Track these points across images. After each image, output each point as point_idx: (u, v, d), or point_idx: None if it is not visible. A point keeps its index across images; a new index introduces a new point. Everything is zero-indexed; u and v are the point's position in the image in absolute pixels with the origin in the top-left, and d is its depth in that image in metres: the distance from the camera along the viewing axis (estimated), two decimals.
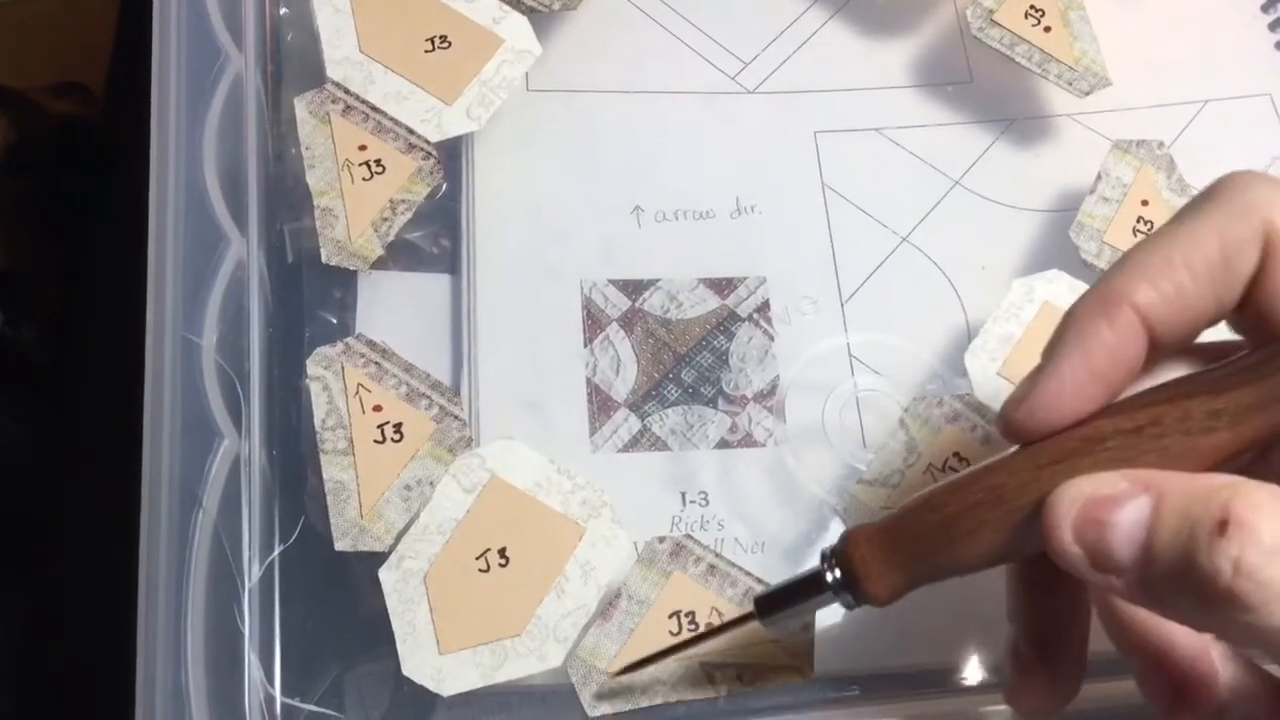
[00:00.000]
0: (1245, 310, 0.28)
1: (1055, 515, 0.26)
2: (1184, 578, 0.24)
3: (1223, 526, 0.24)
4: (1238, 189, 0.28)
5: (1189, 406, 0.27)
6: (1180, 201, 0.46)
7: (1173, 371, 0.29)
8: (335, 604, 0.39)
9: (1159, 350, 0.28)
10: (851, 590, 0.31)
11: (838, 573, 0.31)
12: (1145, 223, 0.45)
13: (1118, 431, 0.27)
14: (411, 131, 0.44)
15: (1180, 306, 0.28)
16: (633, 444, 0.43)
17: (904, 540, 0.30)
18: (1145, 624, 0.31)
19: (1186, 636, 0.31)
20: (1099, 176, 0.46)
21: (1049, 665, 0.32)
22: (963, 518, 0.29)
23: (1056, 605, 0.32)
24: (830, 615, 0.39)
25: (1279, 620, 0.23)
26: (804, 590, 0.32)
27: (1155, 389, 0.28)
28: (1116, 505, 0.26)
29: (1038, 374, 0.29)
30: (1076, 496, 0.26)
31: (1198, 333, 0.29)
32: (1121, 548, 0.25)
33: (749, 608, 0.33)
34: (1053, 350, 0.29)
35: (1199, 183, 0.47)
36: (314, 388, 0.40)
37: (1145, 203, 0.45)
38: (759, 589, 0.38)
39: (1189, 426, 0.27)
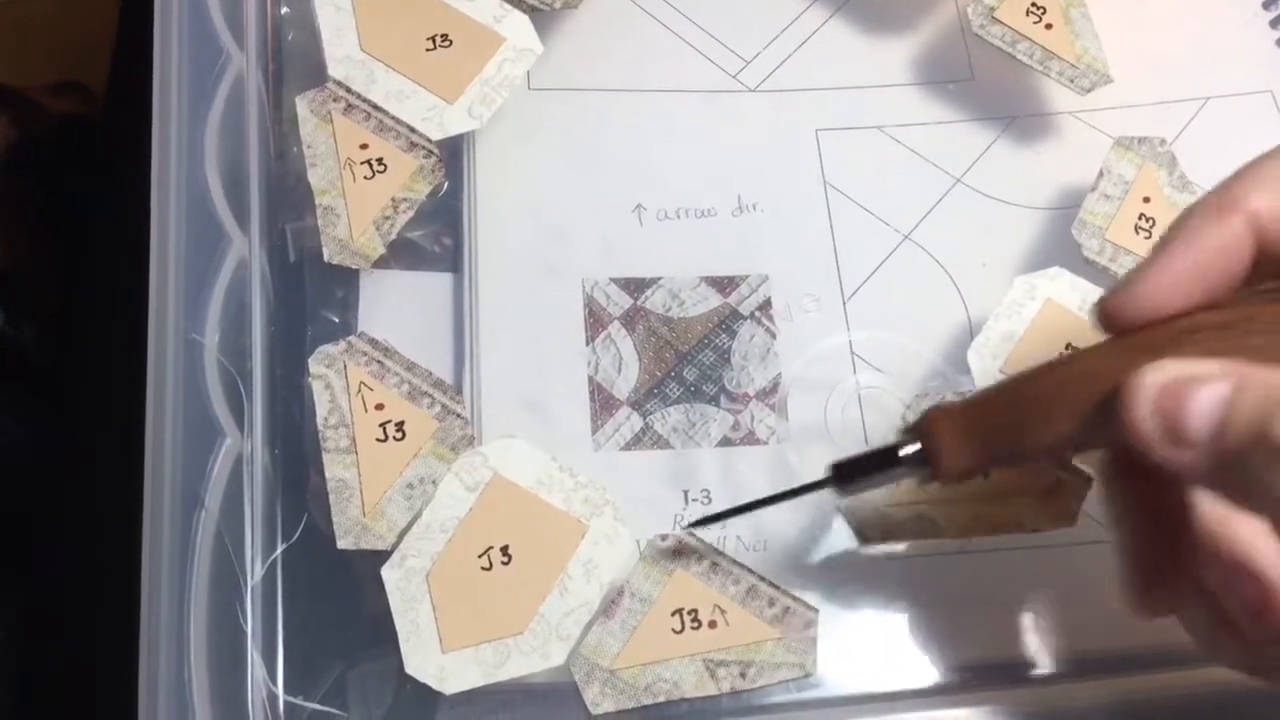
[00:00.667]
0: None
1: (1136, 388, 0.27)
2: (1256, 446, 0.25)
3: None
4: None
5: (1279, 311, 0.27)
6: (1183, 199, 0.46)
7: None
8: (338, 602, 0.39)
9: (1264, 264, 0.29)
10: (929, 462, 0.31)
11: (917, 445, 0.32)
12: (1147, 220, 0.45)
13: (1211, 325, 0.28)
14: (413, 130, 0.44)
15: None
16: (635, 442, 0.43)
17: (985, 418, 0.31)
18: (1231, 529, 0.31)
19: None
20: (1101, 174, 0.46)
21: (1161, 572, 0.31)
22: (1045, 398, 0.29)
23: (1153, 503, 0.31)
24: (835, 619, 0.39)
25: None
26: (881, 461, 0.33)
27: (1251, 292, 0.28)
28: (1200, 384, 0.26)
29: (1142, 266, 0.29)
30: (1160, 374, 0.26)
31: None
32: (1198, 420, 0.26)
33: (751, 606, 0.33)
34: (1160, 245, 0.29)
35: (1201, 180, 0.47)
36: (316, 386, 0.40)
37: (1147, 200, 0.45)
38: (761, 586, 0.38)
39: (1273, 332, 0.27)
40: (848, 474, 0.34)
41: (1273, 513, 0.26)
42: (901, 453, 0.32)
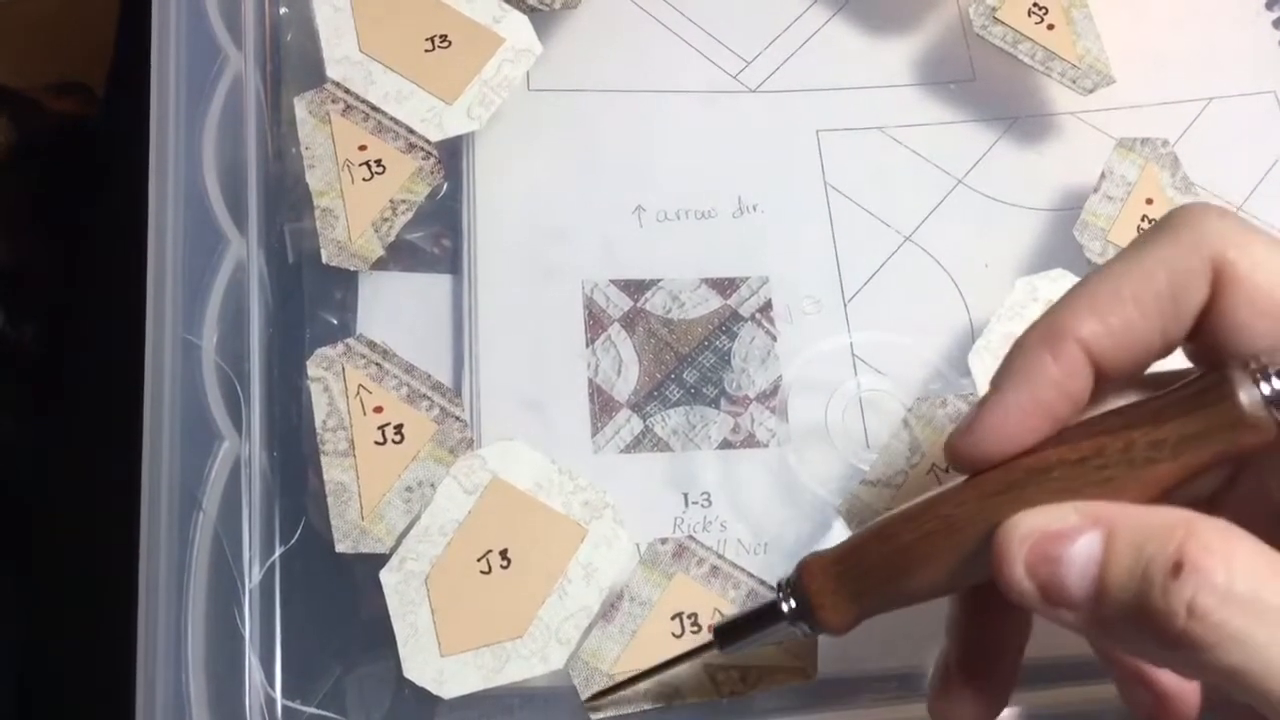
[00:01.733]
0: (1196, 341, 0.28)
1: (1006, 550, 0.26)
2: (1138, 616, 0.24)
3: (1177, 569, 0.24)
4: (1188, 222, 0.27)
5: (1131, 437, 0.27)
6: (1184, 199, 0.46)
7: (1123, 399, 0.29)
8: (336, 606, 0.39)
9: (1106, 382, 0.28)
10: (806, 619, 0.31)
11: (793, 603, 0.31)
12: (1149, 221, 0.45)
13: (1061, 462, 0.27)
14: (412, 131, 0.44)
15: (1127, 340, 0.28)
16: (635, 445, 0.43)
17: (858, 570, 0.30)
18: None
19: None
20: (1103, 175, 0.46)
21: (978, 682, 0.31)
22: (915, 547, 0.29)
23: (995, 625, 0.31)
24: None
25: (1232, 659, 0.23)
26: (762, 620, 0.32)
27: (1101, 417, 0.28)
28: (1068, 540, 0.25)
29: (983, 404, 0.28)
30: (1027, 532, 0.26)
31: (1145, 365, 0.28)
32: (1074, 584, 0.25)
33: (748, 610, 0.33)
34: (999, 381, 0.29)
35: (1203, 181, 0.46)
36: (314, 389, 0.40)
37: (1149, 201, 0.45)
38: (761, 590, 0.38)
39: (1132, 457, 0.26)
40: (729, 635, 0.33)
41: (1166, 667, 0.26)
42: (784, 609, 0.31)
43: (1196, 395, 0.26)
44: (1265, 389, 0.26)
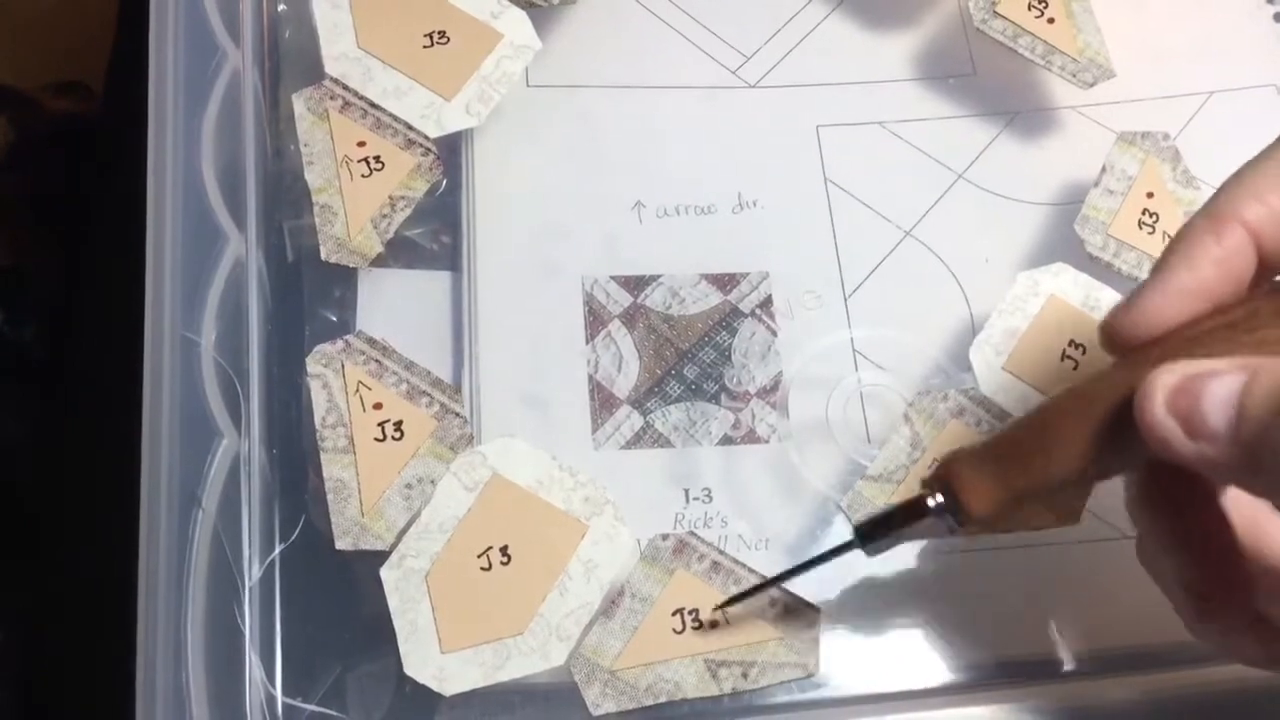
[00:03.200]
0: None
1: (1151, 389, 0.27)
2: (1276, 432, 0.25)
3: None
4: None
5: None
6: (1186, 194, 0.45)
7: None
8: (336, 603, 0.39)
9: (1267, 266, 0.29)
10: (953, 509, 0.31)
11: (939, 497, 0.31)
12: (1151, 215, 0.45)
13: (1215, 328, 0.28)
14: (410, 127, 0.44)
15: None
16: (635, 441, 0.43)
17: (1001, 453, 0.30)
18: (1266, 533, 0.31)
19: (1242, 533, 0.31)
20: (1104, 169, 0.45)
21: (1221, 588, 0.31)
22: (1062, 423, 0.29)
23: (1210, 563, 0.31)
24: (837, 618, 0.39)
25: None
26: (907, 514, 0.32)
27: (1256, 291, 0.28)
28: (1211, 378, 0.26)
29: (1143, 286, 0.29)
30: (1173, 374, 0.27)
31: None
32: (1215, 412, 0.26)
33: (750, 605, 0.33)
34: (1161, 264, 0.29)
35: (1204, 174, 0.46)
36: (314, 386, 0.40)
37: (1150, 195, 0.45)
38: (758, 582, 0.38)
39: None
40: (872, 533, 0.33)
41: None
42: (929, 503, 0.31)
43: None
44: None
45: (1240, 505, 0.31)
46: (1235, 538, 0.31)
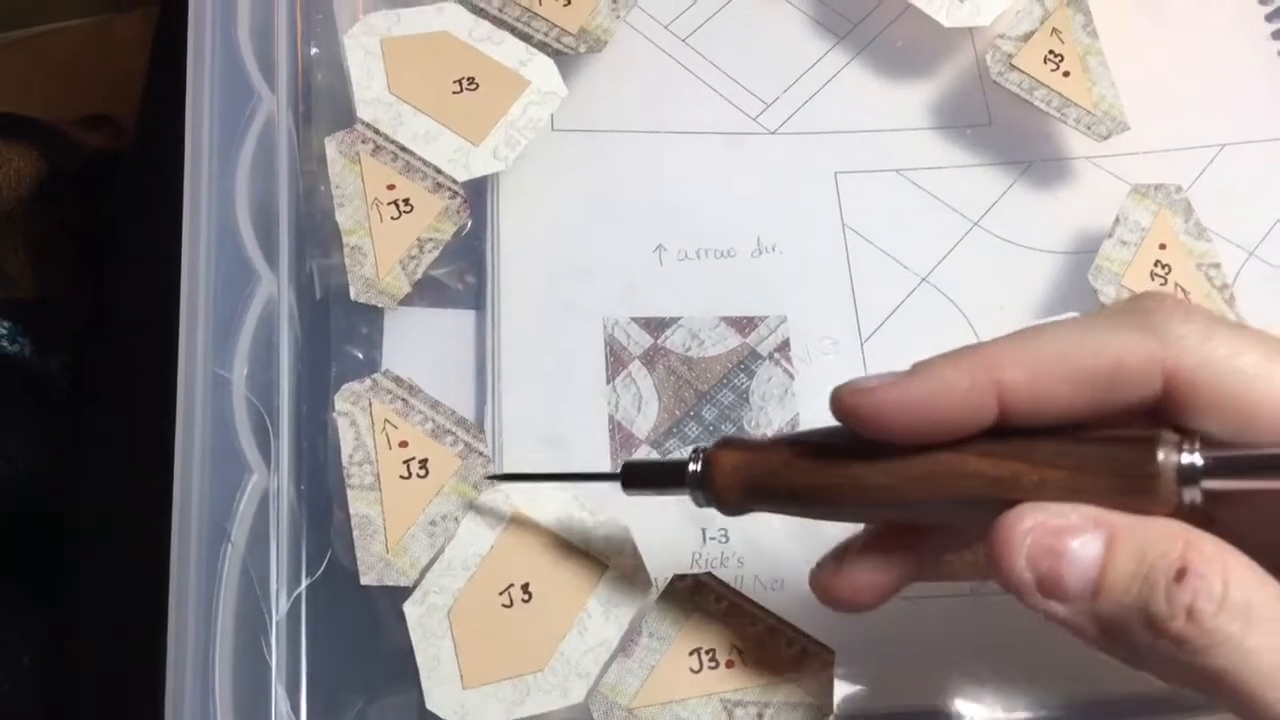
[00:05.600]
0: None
1: (1009, 540, 0.27)
2: (1136, 616, 0.26)
3: (1180, 574, 0.25)
4: (1151, 321, 0.28)
5: (1048, 475, 0.27)
6: (1199, 246, 0.46)
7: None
8: (360, 638, 0.39)
9: (1009, 423, 0.29)
10: (704, 492, 0.33)
11: (699, 470, 0.33)
12: (1163, 266, 0.46)
13: (978, 474, 0.28)
14: (439, 171, 0.45)
15: (1048, 404, 0.28)
16: None
17: (767, 477, 0.32)
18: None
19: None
20: (1117, 220, 0.46)
21: (879, 555, 0.32)
22: (821, 490, 0.31)
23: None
24: (852, 659, 0.39)
25: (1219, 663, 0.25)
26: (668, 474, 0.34)
27: (1027, 442, 0.28)
28: (1070, 535, 0.26)
29: (892, 379, 0.29)
30: (1032, 525, 0.27)
31: (1054, 423, 0.28)
32: (1073, 580, 0.26)
33: (768, 647, 0.34)
34: (915, 374, 0.29)
35: (1216, 226, 0.47)
36: (342, 423, 0.41)
37: (1163, 246, 0.46)
38: (780, 626, 0.38)
39: (1041, 495, 0.27)
40: (635, 478, 0.35)
41: (1152, 670, 0.27)
42: (688, 470, 0.33)
43: (1117, 459, 0.27)
44: (1186, 458, 0.26)
45: None
46: None
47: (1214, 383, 0.27)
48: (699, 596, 0.39)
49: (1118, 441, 0.27)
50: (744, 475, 0.32)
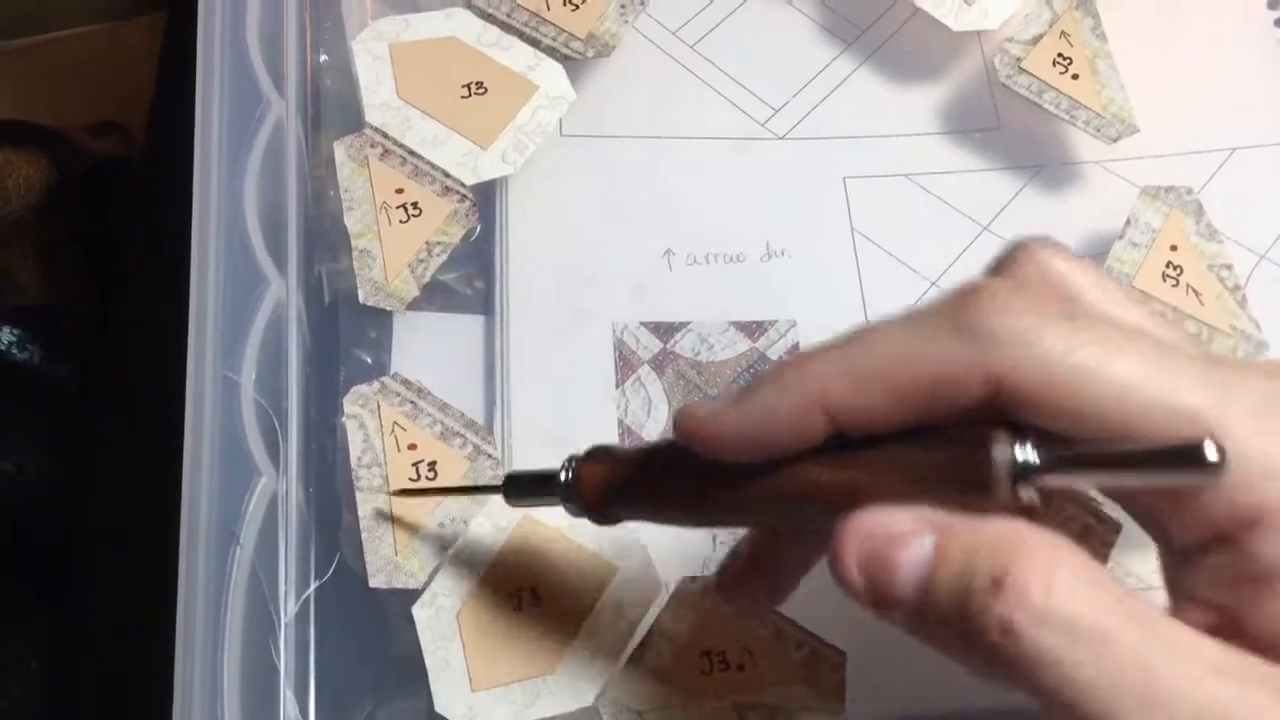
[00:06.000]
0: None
1: (843, 546, 0.26)
2: (956, 624, 0.25)
3: (997, 585, 0.24)
4: (976, 327, 0.26)
5: (883, 482, 0.27)
6: (1210, 247, 0.46)
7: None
8: (369, 640, 0.39)
9: (846, 433, 0.28)
10: (576, 504, 0.33)
11: (568, 481, 0.33)
12: (1175, 268, 0.45)
13: (820, 485, 0.28)
14: (448, 175, 0.45)
15: (873, 417, 0.27)
16: None
17: (626, 486, 0.32)
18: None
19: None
20: (1128, 222, 0.46)
21: (759, 573, 0.33)
22: (675, 500, 0.31)
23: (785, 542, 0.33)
24: (862, 656, 0.39)
25: (1040, 678, 0.23)
26: (543, 484, 0.34)
27: (870, 446, 0.27)
28: (901, 544, 0.26)
29: (717, 406, 0.29)
30: (864, 532, 0.26)
31: (884, 431, 0.28)
32: (902, 586, 0.26)
33: (778, 649, 0.33)
34: (743, 398, 0.29)
35: (1226, 229, 0.47)
36: (350, 426, 0.41)
37: (1174, 248, 0.46)
38: (789, 628, 0.38)
39: (880, 500, 0.27)
40: (513, 489, 0.36)
41: (976, 672, 0.26)
42: (559, 479, 0.34)
43: (955, 461, 0.26)
44: (1020, 455, 0.25)
45: None
46: None
47: (1046, 382, 0.25)
48: (709, 599, 0.38)
49: (953, 442, 0.27)
50: (607, 486, 0.33)
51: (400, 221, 0.44)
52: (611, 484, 0.33)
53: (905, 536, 0.26)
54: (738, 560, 0.33)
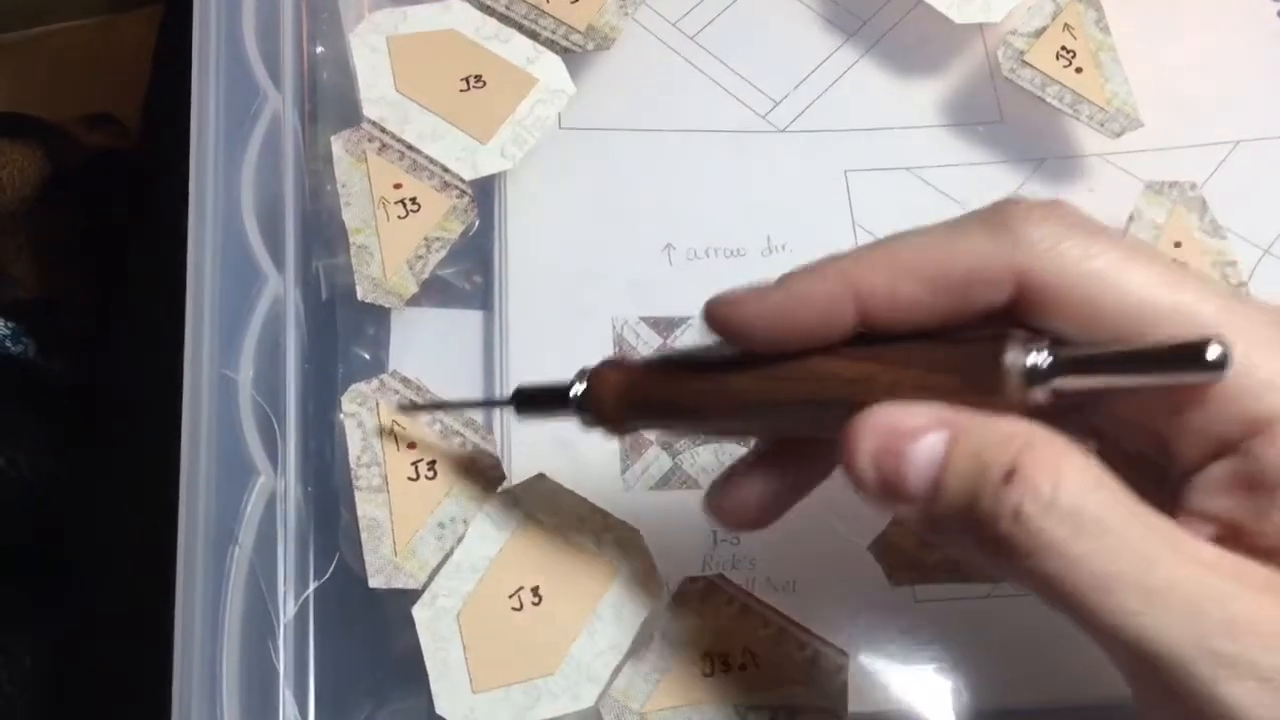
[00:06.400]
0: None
1: (856, 440, 0.27)
2: (967, 517, 0.26)
3: (1008, 476, 0.25)
4: (1008, 224, 0.28)
5: (900, 375, 0.28)
6: (1214, 243, 0.46)
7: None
8: (369, 641, 0.39)
9: (873, 330, 0.29)
10: (590, 414, 0.33)
11: (581, 389, 0.33)
12: (1180, 263, 0.45)
13: (835, 376, 0.29)
14: (446, 170, 0.44)
15: (906, 311, 0.28)
16: (664, 482, 0.43)
17: (642, 390, 0.32)
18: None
19: None
20: (1131, 217, 0.46)
21: (779, 464, 0.33)
22: (692, 397, 0.31)
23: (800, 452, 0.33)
24: (866, 661, 0.39)
25: (1047, 567, 0.25)
26: (555, 397, 0.34)
27: (888, 342, 0.29)
28: (913, 438, 0.26)
29: (752, 289, 0.30)
30: (877, 425, 0.27)
31: (911, 329, 0.29)
32: (914, 480, 0.26)
33: (781, 650, 0.33)
34: (780, 283, 0.30)
35: (1231, 224, 0.47)
36: (349, 424, 0.40)
37: (1178, 244, 0.45)
38: (792, 629, 0.38)
39: (895, 395, 0.27)
40: (525, 403, 0.36)
41: (980, 565, 0.27)
42: (571, 394, 0.33)
43: (967, 359, 0.27)
44: (1034, 358, 0.26)
45: None
46: None
47: (1064, 285, 0.27)
48: (711, 599, 0.38)
49: (968, 341, 0.28)
50: (625, 393, 0.33)
51: (399, 217, 0.44)
52: (628, 391, 0.33)
53: (919, 430, 0.26)
54: (733, 472, 0.33)
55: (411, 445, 0.40)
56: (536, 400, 0.35)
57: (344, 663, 0.38)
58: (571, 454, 0.43)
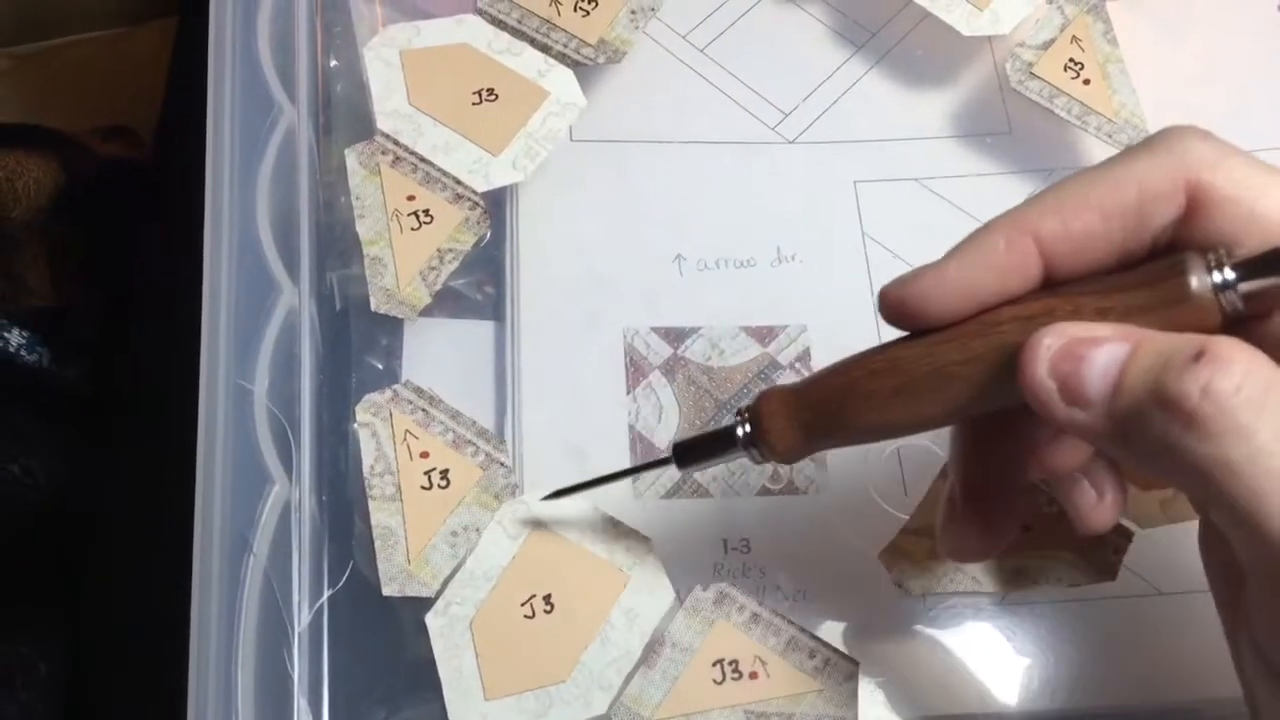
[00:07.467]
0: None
1: (1034, 350, 0.27)
2: (1153, 400, 0.25)
3: (1198, 355, 0.25)
4: (1167, 143, 0.28)
5: (1081, 302, 0.28)
6: None
7: None
8: (382, 649, 0.39)
9: (1054, 281, 0.29)
10: (757, 445, 0.33)
11: (748, 428, 0.33)
12: None
13: (1014, 318, 0.29)
14: (459, 182, 0.45)
15: (1086, 245, 0.29)
16: (675, 491, 0.43)
17: (809, 400, 0.32)
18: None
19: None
20: None
21: (980, 514, 0.33)
22: (864, 382, 0.31)
23: (993, 458, 0.33)
24: (876, 670, 0.39)
25: (1229, 453, 0.24)
26: (718, 441, 0.34)
27: (1055, 287, 0.29)
28: (1095, 344, 0.27)
29: (926, 266, 0.30)
30: (1057, 334, 0.27)
31: (1096, 272, 0.29)
32: (1094, 379, 0.27)
33: (791, 658, 0.33)
34: (951, 252, 0.30)
35: None
36: (363, 434, 0.41)
37: None
38: (803, 637, 0.38)
39: (1078, 320, 0.28)
40: (687, 455, 0.36)
41: (1164, 470, 0.27)
42: (738, 434, 0.33)
43: (1149, 273, 0.28)
44: (1217, 276, 0.27)
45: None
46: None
47: (1235, 189, 0.28)
48: (722, 607, 0.39)
49: (1148, 263, 0.28)
50: (794, 413, 0.32)
51: (412, 229, 0.44)
52: (796, 410, 0.32)
53: (1099, 340, 0.27)
54: (950, 508, 0.33)
55: (425, 454, 0.41)
56: (698, 450, 0.35)
57: (358, 670, 0.38)
58: (582, 462, 0.43)
